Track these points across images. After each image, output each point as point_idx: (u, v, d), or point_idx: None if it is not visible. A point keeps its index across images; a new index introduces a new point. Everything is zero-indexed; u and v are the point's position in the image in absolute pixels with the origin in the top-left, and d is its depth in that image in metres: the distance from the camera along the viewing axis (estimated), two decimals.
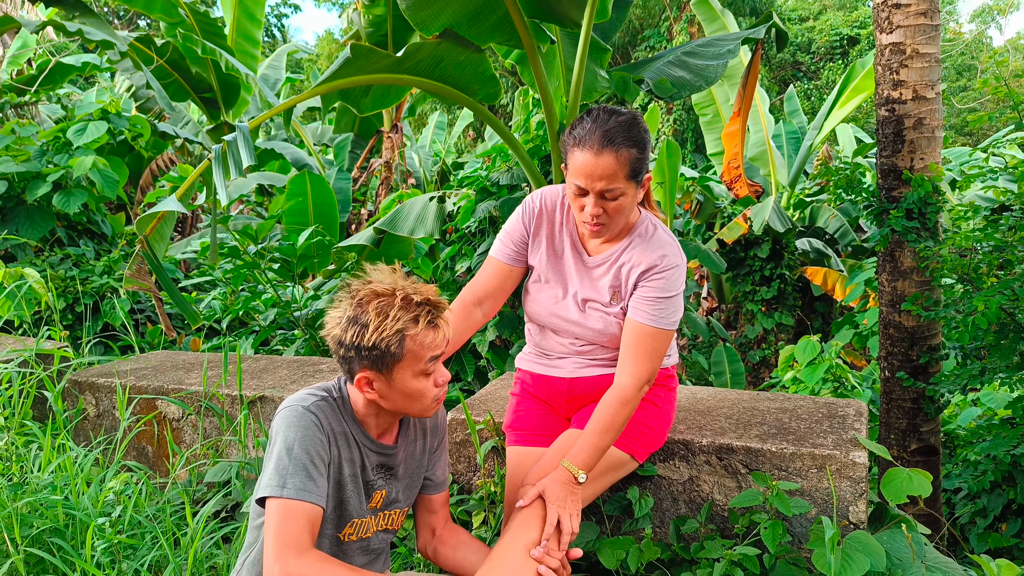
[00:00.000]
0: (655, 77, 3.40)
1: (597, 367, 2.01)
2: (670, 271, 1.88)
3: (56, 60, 9.35)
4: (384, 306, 1.52)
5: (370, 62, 2.71)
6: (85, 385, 2.97)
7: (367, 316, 1.51)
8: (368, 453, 1.67)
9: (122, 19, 26.23)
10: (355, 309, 1.53)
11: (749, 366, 8.29)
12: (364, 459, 1.66)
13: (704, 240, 8.11)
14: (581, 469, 1.78)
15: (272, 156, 9.86)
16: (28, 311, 4.03)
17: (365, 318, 1.51)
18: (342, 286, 1.61)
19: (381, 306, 1.52)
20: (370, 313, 1.51)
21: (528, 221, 2.03)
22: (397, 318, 1.51)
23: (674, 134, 16.09)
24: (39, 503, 2.19)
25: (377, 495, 1.70)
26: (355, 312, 1.53)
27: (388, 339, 1.51)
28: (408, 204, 3.77)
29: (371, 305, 1.52)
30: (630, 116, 1.83)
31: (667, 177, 7.92)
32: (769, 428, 2.12)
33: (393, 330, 1.51)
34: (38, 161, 4.91)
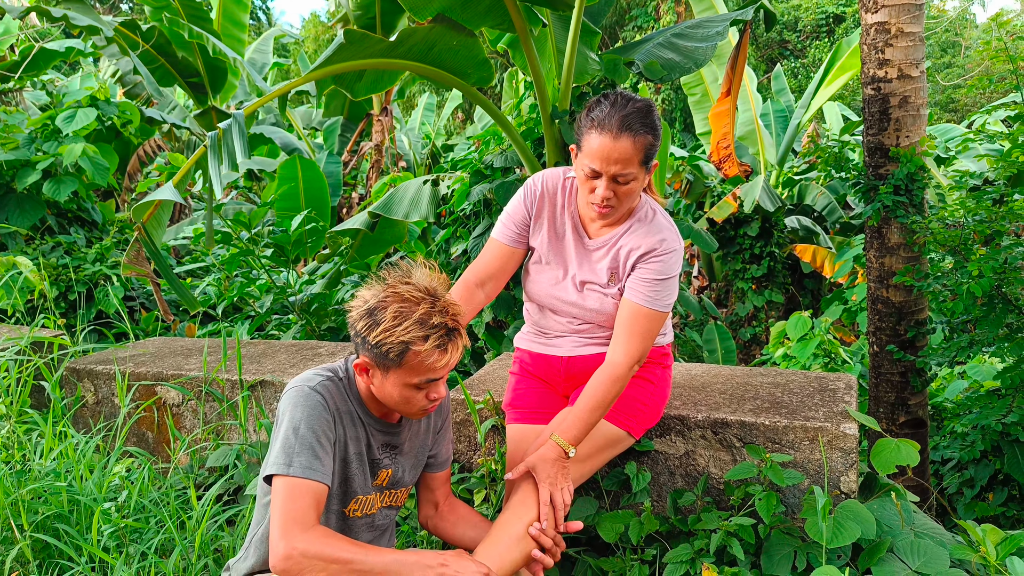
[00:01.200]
0: (645, 59, 3.42)
1: (594, 345, 2.05)
2: (668, 255, 1.92)
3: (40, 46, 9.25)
4: (403, 312, 1.54)
5: (364, 47, 2.72)
6: (83, 372, 2.99)
7: (383, 315, 1.54)
8: (373, 432, 1.71)
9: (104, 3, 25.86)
10: (378, 302, 1.56)
11: (740, 343, 8.37)
12: (369, 438, 1.70)
13: (694, 219, 8.16)
14: (571, 444, 1.82)
15: (261, 141, 9.80)
16: (21, 300, 4.04)
17: (381, 316, 1.54)
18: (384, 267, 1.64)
19: (400, 311, 1.54)
20: (387, 313, 1.54)
21: (530, 203, 2.06)
22: (408, 330, 1.53)
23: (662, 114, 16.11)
24: (43, 490, 2.22)
25: (383, 473, 1.74)
26: (376, 305, 1.56)
27: (392, 345, 1.54)
28: (402, 188, 3.78)
29: (392, 306, 1.55)
30: (646, 103, 1.86)
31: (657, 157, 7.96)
32: (762, 402, 2.17)
33: (399, 339, 1.53)
34: (27, 149, 4.88)
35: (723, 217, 7.60)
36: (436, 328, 1.55)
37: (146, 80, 6.80)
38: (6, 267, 4.08)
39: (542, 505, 1.74)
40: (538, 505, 1.78)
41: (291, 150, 9.66)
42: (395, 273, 1.61)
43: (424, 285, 1.59)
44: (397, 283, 1.58)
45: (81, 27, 6.50)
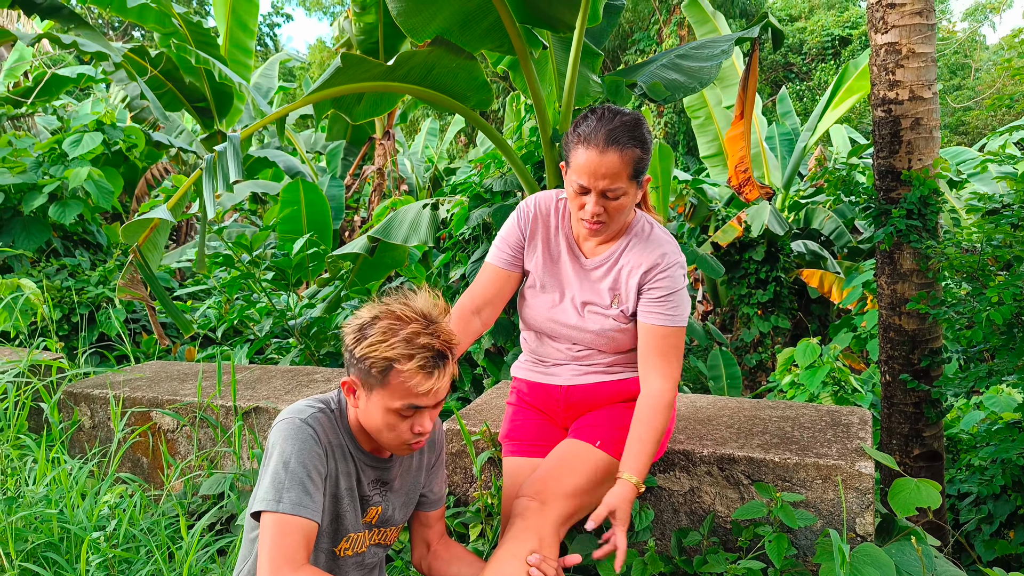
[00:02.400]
0: (648, 81, 3.38)
1: (594, 374, 1.98)
2: (672, 268, 1.88)
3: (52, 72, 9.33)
4: (392, 329, 1.49)
5: (362, 70, 2.69)
6: (80, 396, 2.94)
7: (372, 330, 1.50)
8: (363, 467, 1.65)
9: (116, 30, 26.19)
10: (371, 318, 1.53)
11: (746, 370, 8.27)
12: (360, 473, 1.64)
13: (698, 243, 8.10)
14: (640, 478, 1.76)
15: (265, 164, 9.83)
16: (24, 322, 4.00)
17: (370, 331, 1.50)
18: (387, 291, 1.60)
19: (390, 327, 1.50)
20: (376, 328, 1.50)
21: (524, 226, 2.02)
22: (393, 346, 1.48)
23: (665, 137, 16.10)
24: (33, 517, 2.15)
25: (372, 511, 1.67)
26: (368, 320, 1.52)
27: (375, 361, 1.49)
28: (401, 212, 3.74)
29: (383, 322, 1.51)
30: (634, 116, 1.83)
31: (660, 180, 7.91)
32: (771, 437, 2.09)
33: (383, 355, 1.48)
34: (34, 173, 4.87)
35: (728, 241, 7.54)
36: (423, 349, 1.49)
37: (152, 105, 6.82)
38: (10, 289, 4.04)
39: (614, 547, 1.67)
40: (537, 539, 1.71)
41: (294, 173, 9.67)
42: (397, 296, 1.56)
43: (420, 308, 1.54)
44: (394, 302, 1.54)
45: (90, 53, 6.54)
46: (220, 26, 10.20)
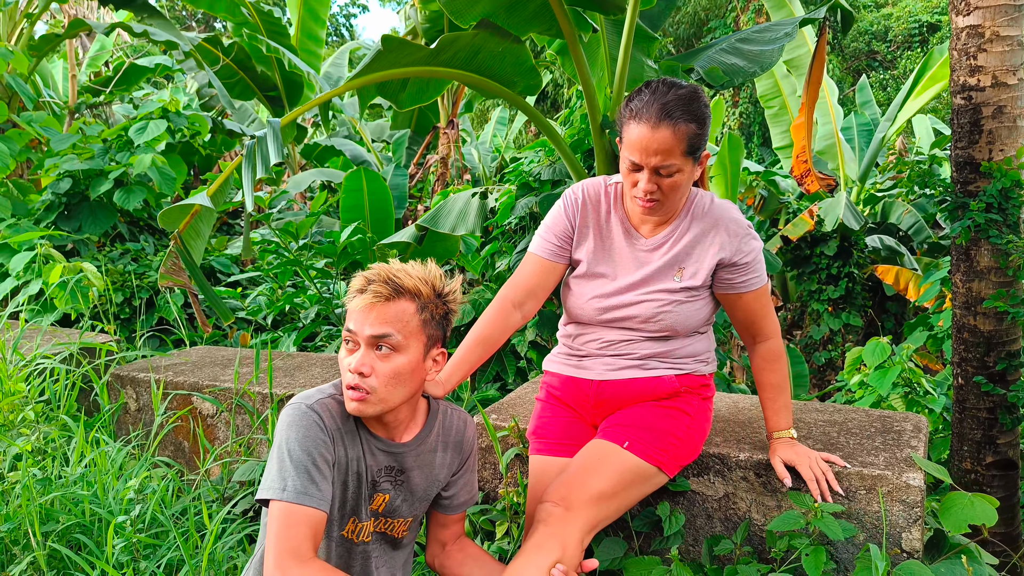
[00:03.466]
0: (706, 65, 3.23)
1: (628, 369, 1.89)
2: (750, 230, 1.85)
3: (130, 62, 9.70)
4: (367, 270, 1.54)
5: (403, 55, 2.64)
6: (127, 379, 3.01)
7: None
8: (374, 451, 1.59)
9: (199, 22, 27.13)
10: None
11: (814, 368, 7.94)
12: (370, 458, 1.58)
13: (767, 237, 7.80)
14: (788, 429, 1.85)
15: (333, 153, 9.99)
16: (85, 305, 4.15)
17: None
18: None
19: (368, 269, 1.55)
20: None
21: (572, 214, 1.93)
22: (356, 278, 1.53)
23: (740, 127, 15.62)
24: (67, 498, 2.20)
25: (379, 498, 1.61)
26: None
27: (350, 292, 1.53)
28: (451, 200, 3.70)
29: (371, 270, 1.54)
30: (691, 89, 1.74)
31: (729, 172, 7.65)
32: (815, 443, 1.95)
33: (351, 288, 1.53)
34: (101, 159, 5.05)
35: (798, 235, 7.23)
36: (371, 280, 1.50)
37: (220, 92, 6.99)
38: (72, 273, 4.20)
39: (809, 483, 1.76)
40: (560, 549, 1.63)
41: (360, 162, 9.79)
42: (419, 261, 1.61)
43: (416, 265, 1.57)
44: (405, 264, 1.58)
45: (161, 42, 6.75)
46: (293, 16, 10.38)
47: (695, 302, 1.86)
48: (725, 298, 1.88)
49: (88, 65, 10.86)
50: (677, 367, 1.89)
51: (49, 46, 6.75)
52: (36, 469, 2.33)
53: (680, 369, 1.90)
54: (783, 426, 1.86)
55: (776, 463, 1.82)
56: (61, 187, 4.91)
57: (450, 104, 8.30)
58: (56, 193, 4.92)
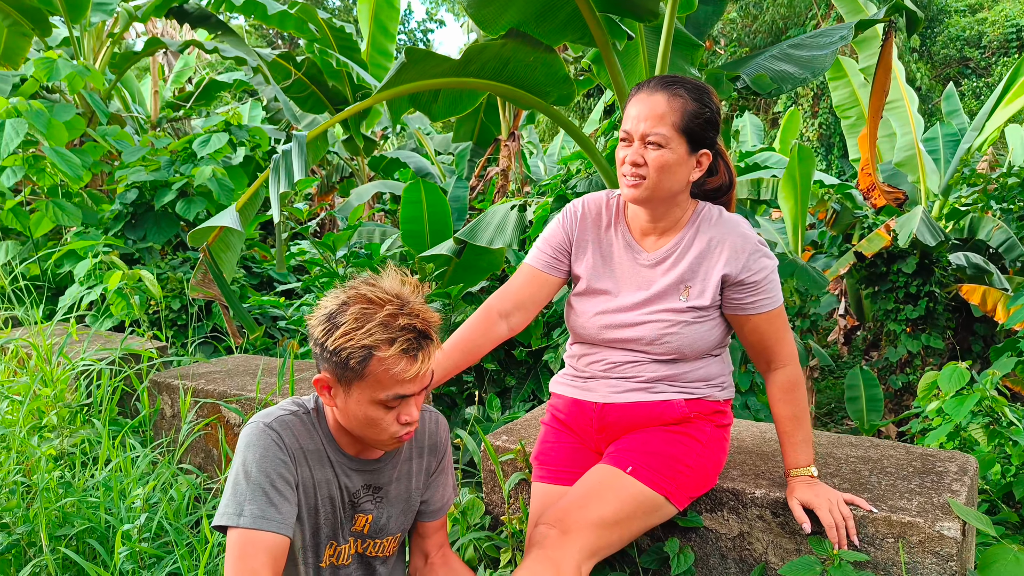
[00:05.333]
0: (753, 72, 3.08)
1: (634, 392, 1.77)
2: (762, 247, 1.72)
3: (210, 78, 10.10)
4: (365, 314, 1.36)
5: (428, 66, 2.61)
6: (163, 385, 3.06)
7: (344, 318, 1.36)
8: (348, 472, 1.52)
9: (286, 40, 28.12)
10: (339, 305, 1.39)
11: (890, 392, 7.49)
12: (343, 479, 1.51)
13: (840, 252, 7.43)
14: (808, 466, 1.71)
15: (398, 165, 10.13)
16: (140, 311, 4.28)
17: (341, 319, 1.36)
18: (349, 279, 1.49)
19: (363, 313, 1.36)
20: (347, 316, 1.36)
21: (570, 227, 1.86)
22: (370, 332, 1.34)
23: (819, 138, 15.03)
24: (84, 503, 2.24)
25: (361, 519, 1.54)
26: (336, 309, 1.38)
27: (352, 351, 1.35)
28: (489, 213, 3.65)
29: (353, 308, 1.37)
30: (701, 82, 1.70)
31: (799, 185, 7.33)
32: (841, 481, 1.79)
33: (360, 343, 1.34)
34: (166, 171, 5.23)
35: (873, 251, 6.85)
36: (403, 331, 1.35)
37: (284, 107, 7.19)
38: (131, 280, 4.35)
39: (828, 530, 1.60)
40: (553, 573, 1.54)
41: (424, 174, 9.89)
42: (362, 279, 1.43)
43: (392, 288, 1.40)
44: (361, 285, 1.40)
45: (230, 58, 6.99)
46: (364, 30, 10.61)
47: (703, 323, 1.73)
48: (734, 319, 1.75)
49: (173, 81, 11.39)
50: (687, 391, 1.77)
51: (128, 64, 7.08)
52: (58, 472, 2.38)
53: (690, 393, 1.77)
54: (802, 463, 1.71)
55: (793, 505, 1.67)
56: (128, 197, 5.12)
57: (511, 116, 8.27)
58: (123, 203, 5.13)
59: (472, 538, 2.06)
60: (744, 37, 17.02)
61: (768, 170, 9.15)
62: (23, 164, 4.86)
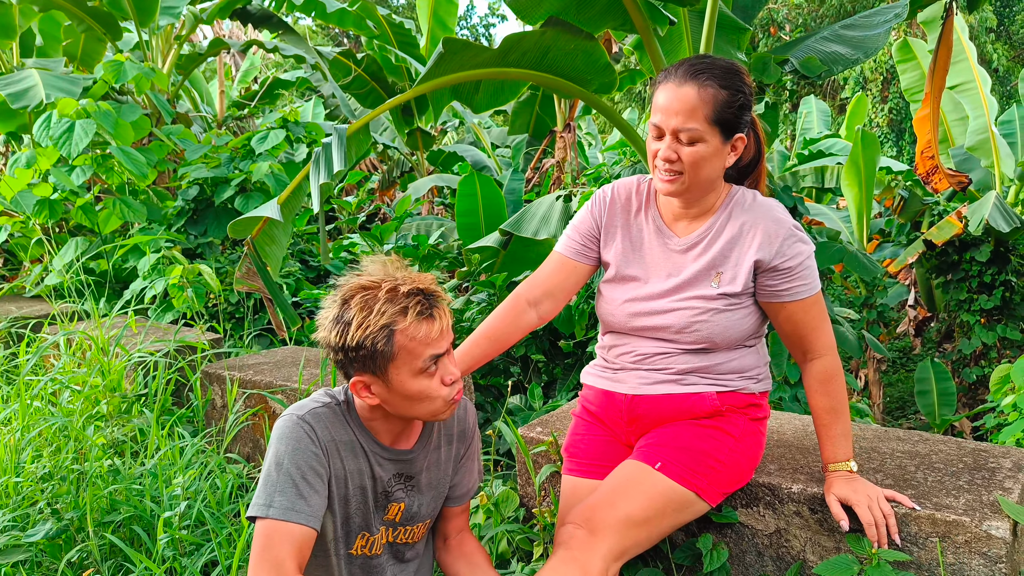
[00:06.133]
0: (802, 55, 2.96)
1: (664, 384, 1.72)
2: (797, 232, 1.65)
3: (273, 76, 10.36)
4: (368, 300, 1.37)
5: (467, 57, 2.59)
6: (214, 376, 3.15)
7: (351, 313, 1.37)
8: (381, 462, 1.53)
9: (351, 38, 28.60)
10: (340, 307, 1.40)
11: (964, 385, 7.16)
12: (376, 469, 1.52)
13: (909, 241, 7.13)
14: (847, 460, 1.63)
15: (455, 159, 10.20)
16: (199, 304, 4.42)
17: (348, 315, 1.37)
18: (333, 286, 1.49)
19: (365, 300, 1.37)
20: (353, 309, 1.37)
21: (599, 212, 1.82)
22: (382, 312, 1.36)
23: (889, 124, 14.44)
24: (129, 490, 2.32)
25: (394, 508, 1.55)
26: (340, 310, 1.39)
27: (374, 335, 1.35)
28: (535, 204, 3.62)
29: (354, 300, 1.38)
30: (730, 62, 1.62)
31: (863, 171, 7.06)
32: (884, 477, 1.70)
33: (379, 325, 1.35)
34: (226, 168, 5.39)
35: (944, 239, 6.53)
36: (409, 297, 1.38)
37: (341, 103, 7.31)
38: (191, 274, 4.49)
39: (867, 527, 1.53)
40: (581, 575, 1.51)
41: (481, 167, 9.92)
42: (345, 276, 1.44)
43: (378, 270, 1.43)
44: (349, 279, 1.43)
45: (289, 56, 7.14)
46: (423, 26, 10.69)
47: (735, 311, 1.68)
48: (768, 307, 1.69)
49: (239, 81, 11.74)
50: (719, 384, 1.71)
51: (194, 65, 7.31)
52: (109, 461, 2.47)
53: (723, 386, 1.71)
54: (840, 457, 1.64)
55: (831, 501, 1.60)
56: (189, 194, 5.29)
57: (567, 107, 8.21)
58: (185, 199, 5.30)
59: (505, 530, 2.05)
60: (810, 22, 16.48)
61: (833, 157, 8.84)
62: (92, 163, 5.07)
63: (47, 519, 2.23)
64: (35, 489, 2.42)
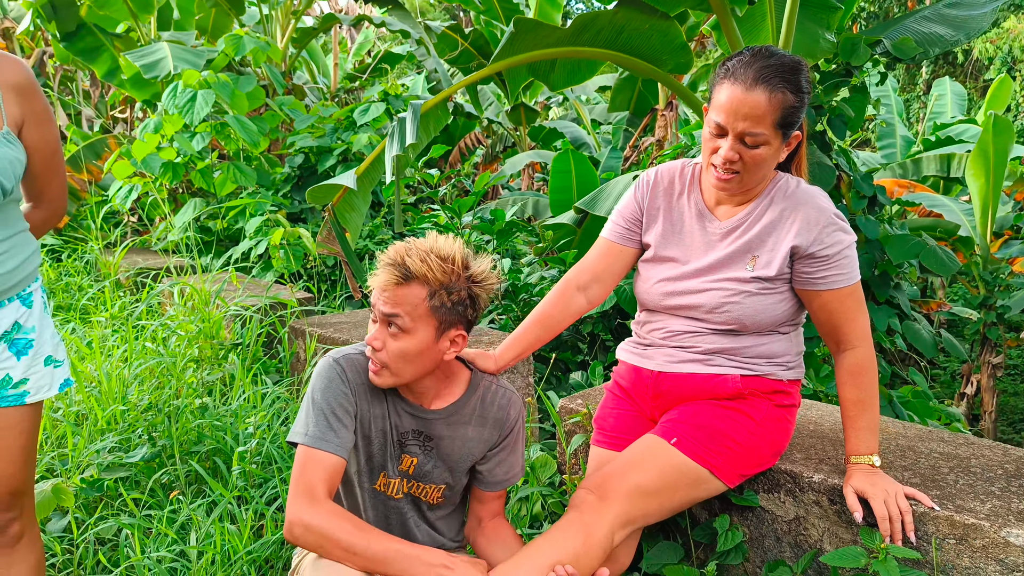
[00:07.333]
0: (896, 36, 2.84)
1: (689, 363, 1.76)
2: (838, 220, 1.66)
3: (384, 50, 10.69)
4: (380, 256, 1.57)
5: (539, 36, 2.65)
6: (299, 332, 3.40)
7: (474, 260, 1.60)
8: (400, 413, 1.66)
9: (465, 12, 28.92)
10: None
11: None
12: (393, 417, 1.65)
13: None
14: (870, 454, 1.62)
15: (556, 135, 10.23)
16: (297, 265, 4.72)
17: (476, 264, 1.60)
18: None
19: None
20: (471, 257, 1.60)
21: (642, 196, 1.87)
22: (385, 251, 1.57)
23: None
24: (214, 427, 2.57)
25: (407, 459, 1.68)
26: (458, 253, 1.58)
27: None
28: (612, 182, 3.63)
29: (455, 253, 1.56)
30: (795, 59, 1.63)
31: (992, 161, 6.59)
32: (912, 476, 1.68)
33: None
34: (330, 138, 5.68)
35: None
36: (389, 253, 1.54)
37: (443, 77, 7.47)
38: (291, 237, 4.80)
39: (880, 521, 1.53)
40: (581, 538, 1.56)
41: (580, 144, 9.91)
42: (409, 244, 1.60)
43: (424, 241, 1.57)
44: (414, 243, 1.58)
45: (395, 31, 7.37)
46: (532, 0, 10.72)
47: (768, 295, 1.69)
48: (804, 294, 1.69)
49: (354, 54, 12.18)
50: (745, 367, 1.73)
51: (308, 38, 7.67)
52: (200, 399, 2.74)
53: (749, 370, 1.73)
54: (863, 450, 1.63)
55: (848, 492, 1.60)
56: (295, 161, 5.62)
57: None
58: (292, 167, 5.64)
59: (540, 492, 2.14)
60: None
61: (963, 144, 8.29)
62: (211, 130, 5.47)
63: (144, 444, 2.53)
64: (137, 418, 2.72)
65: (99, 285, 4.55)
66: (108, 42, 6.94)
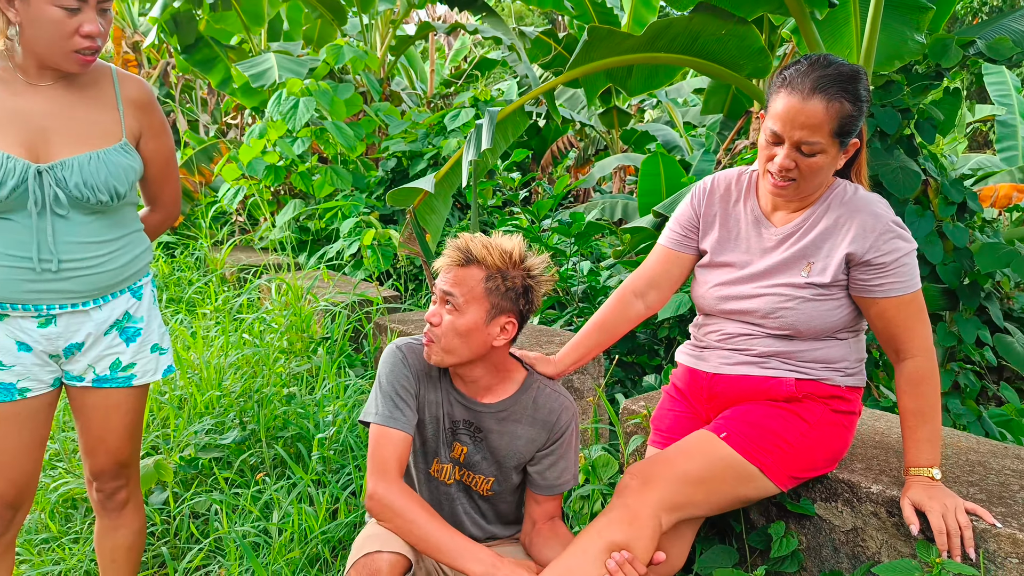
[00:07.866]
0: (991, 36, 2.72)
1: (745, 365, 1.77)
2: (896, 227, 1.64)
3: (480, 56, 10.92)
4: None
5: (613, 44, 2.68)
6: (382, 327, 3.56)
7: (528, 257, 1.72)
8: (453, 403, 1.75)
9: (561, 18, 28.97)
10: None
11: None
12: (446, 406, 1.75)
13: None
14: (930, 467, 1.60)
15: (648, 139, 10.15)
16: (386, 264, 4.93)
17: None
18: None
19: None
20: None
21: (698, 203, 1.90)
22: None
23: None
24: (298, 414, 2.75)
25: (458, 448, 1.77)
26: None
27: None
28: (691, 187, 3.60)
29: None
30: (853, 68, 1.63)
31: None
32: (978, 492, 1.63)
33: None
34: (421, 142, 5.88)
35: None
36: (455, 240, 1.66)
37: (533, 82, 7.56)
38: (383, 238, 5.02)
39: (937, 535, 1.51)
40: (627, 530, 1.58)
41: (672, 147, 9.80)
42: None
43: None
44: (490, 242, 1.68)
45: (488, 38, 7.53)
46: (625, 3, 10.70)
47: (824, 302, 1.68)
48: (861, 302, 1.68)
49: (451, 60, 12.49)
50: (800, 371, 1.73)
51: (405, 46, 7.95)
52: (287, 388, 2.93)
53: (804, 374, 1.72)
54: (923, 462, 1.60)
55: (905, 505, 1.57)
56: (389, 165, 5.85)
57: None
58: (385, 170, 5.88)
59: (600, 490, 2.19)
60: None
61: None
62: (311, 135, 5.78)
63: (236, 428, 2.73)
64: (231, 403, 2.94)
65: (206, 279, 4.89)
66: (223, 53, 7.43)
